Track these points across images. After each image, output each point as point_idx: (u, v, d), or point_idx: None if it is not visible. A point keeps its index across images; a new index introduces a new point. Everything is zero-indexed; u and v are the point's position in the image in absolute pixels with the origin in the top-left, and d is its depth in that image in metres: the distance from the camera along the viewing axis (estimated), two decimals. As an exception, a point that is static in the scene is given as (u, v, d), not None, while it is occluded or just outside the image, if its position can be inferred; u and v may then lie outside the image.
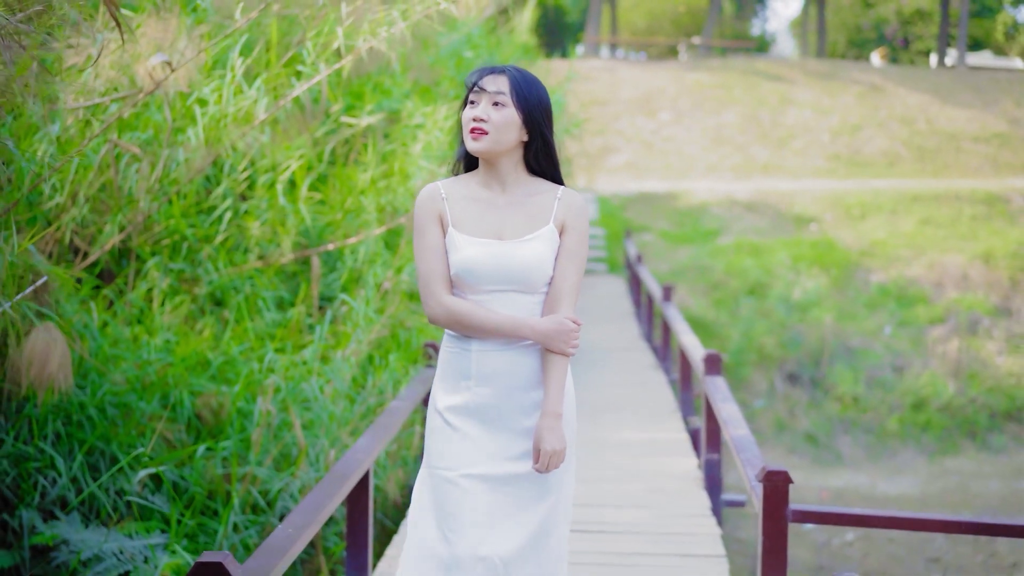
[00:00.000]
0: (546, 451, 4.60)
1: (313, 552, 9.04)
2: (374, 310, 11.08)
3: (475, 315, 4.70)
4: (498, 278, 4.72)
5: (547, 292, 4.81)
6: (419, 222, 4.84)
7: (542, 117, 4.78)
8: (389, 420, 7.66)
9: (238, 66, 10.66)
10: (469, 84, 4.76)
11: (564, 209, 4.81)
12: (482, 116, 4.67)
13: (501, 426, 4.75)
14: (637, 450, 11.47)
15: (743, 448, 7.17)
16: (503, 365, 4.76)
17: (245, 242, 11.20)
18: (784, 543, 6.16)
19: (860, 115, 41.40)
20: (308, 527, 5.50)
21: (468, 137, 4.72)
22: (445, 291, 4.76)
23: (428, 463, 4.85)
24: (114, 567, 7.66)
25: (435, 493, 4.78)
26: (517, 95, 4.71)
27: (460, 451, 4.74)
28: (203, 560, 4.41)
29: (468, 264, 4.71)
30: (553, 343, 4.67)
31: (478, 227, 4.78)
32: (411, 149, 12.31)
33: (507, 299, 4.75)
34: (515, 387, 4.75)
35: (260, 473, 8.81)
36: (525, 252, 4.72)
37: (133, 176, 9.89)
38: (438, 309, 4.75)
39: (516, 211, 4.81)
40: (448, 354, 4.88)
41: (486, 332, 4.72)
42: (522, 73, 4.79)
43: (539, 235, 4.76)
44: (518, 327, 4.70)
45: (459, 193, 4.83)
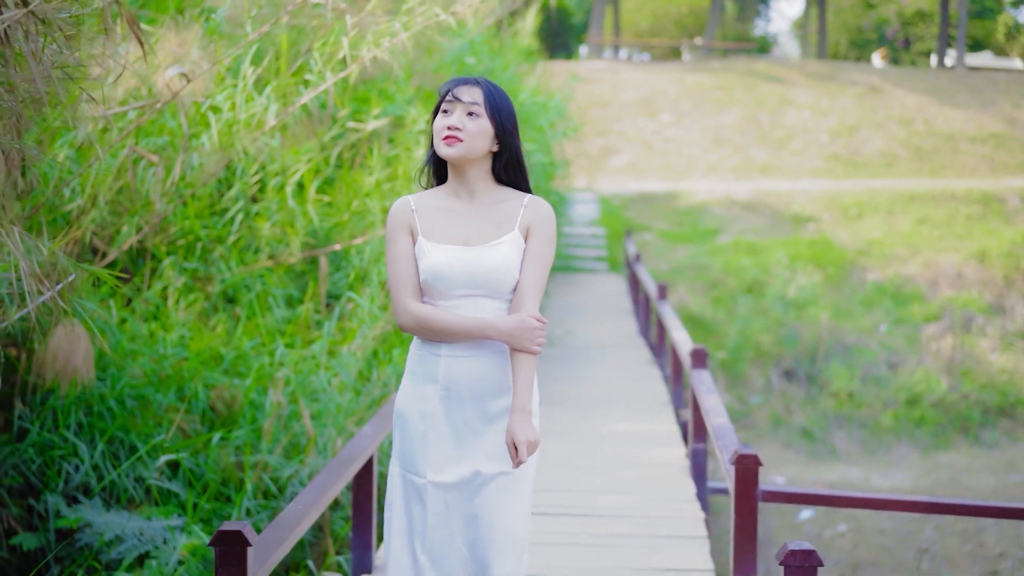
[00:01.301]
0: (521, 441, 4.66)
1: (320, 535, 9.29)
2: (379, 307, 11.30)
3: (441, 319, 4.80)
4: (466, 283, 4.82)
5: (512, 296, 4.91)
6: (390, 232, 4.96)
7: (512, 128, 4.91)
8: (392, 409, 8.12)
9: (249, 75, 11.05)
10: (443, 93, 4.86)
11: (530, 214, 4.92)
12: (457, 124, 4.77)
13: (467, 430, 4.87)
14: (629, 441, 11.87)
15: (721, 435, 7.65)
16: (471, 370, 4.85)
17: (256, 242, 11.49)
18: (754, 521, 6.68)
19: (858, 116, 41.29)
20: (317, 504, 5.95)
21: (441, 144, 4.82)
22: (413, 298, 4.88)
23: (399, 463, 5.01)
24: (135, 547, 8.03)
25: (405, 495, 4.94)
26: (490, 106, 4.83)
27: (424, 456, 4.88)
28: (224, 529, 4.82)
29: (437, 269, 4.82)
30: (518, 341, 4.75)
31: (446, 234, 4.89)
32: (414, 153, 12.61)
33: (475, 304, 4.85)
34: (483, 393, 4.86)
35: (271, 461, 9.13)
36: (491, 257, 4.83)
37: (150, 180, 10.28)
38: (405, 316, 4.87)
39: (483, 218, 4.92)
40: (417, 358, 4.99)
41: (452, 335, 4.82)
42: (494, 86, 4.90)
43: (505, 240, 4.86)
44: (483, 328, 4.78)
45: (429, 205, 4.95)
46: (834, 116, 41.28)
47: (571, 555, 8.06)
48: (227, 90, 11.00)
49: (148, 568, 7.80)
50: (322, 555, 9.21)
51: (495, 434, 4.86)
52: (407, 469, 4.93)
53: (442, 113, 4.84)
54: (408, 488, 4.92)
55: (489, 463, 4.84)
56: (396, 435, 5.03)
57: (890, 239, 29.37)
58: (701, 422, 10.11)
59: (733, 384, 24.25)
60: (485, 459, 4.84)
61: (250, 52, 11.16)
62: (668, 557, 8.10)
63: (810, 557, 4.81)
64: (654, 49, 66.02)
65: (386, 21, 10.48)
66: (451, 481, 4.84)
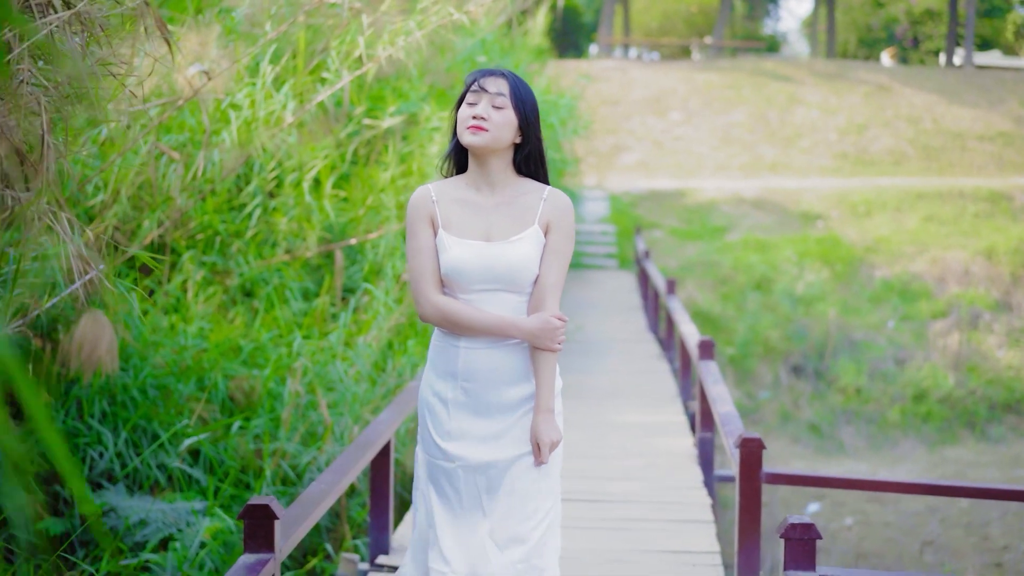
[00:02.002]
0: (544, 443, 4.79)
1: (337, 521, 9.49)
2: (393, 300, 11.49)
3: (464, 314, 4.82)
4: (486, 278, 4.84)
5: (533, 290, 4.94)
6: (411, 223, 4.96)
7: (535, 120, 4.94)
8: (408, 398, 8.31)
9: (268, 73, 11.28)
10: (468, 83, 4.89)
11: (549, 209, 4.93)
12: (483, 115, 4.79)
13: (486, 421, 4.91)
14: (639, 431, 12.11)
15: (727, 422, 7.88)
16: (489, 362, 4.89)
17: (273, 237, 11.66)
18: (758, 502, 6.93)
19: (867, 114, 41.27)
20: (337, 484, 6.21)
21: (466, 132, 4.83)
22: (436, 290, 4.89)
23: (424, 449, 5.06)
24: (159, 531, 8.29)
25: (434, 481, 4.98)
26: (516, 98, 4.86)
27: (447, 443, 4.92)
28: (253, 503, 5.06)
29: (457, 264, 4.83)
30: (539, 341, 4.80)
31: (466, 229, 4.90)
32: (428, 150, 12.81)
33: (495, 298, 4.87)
34: (500, 383, 4.89)
35: (289, 448, 9.32)
36: (512, 253, 4.85)
37: (171, 175, 10.52)
38: (429, 308, 4.88)
39: (503, 213, 4.93)
40: (437, 350, 5.03)
41: (475, 330, 4.84)
42: (518, 78, 4.92)
43: (525, 236, 4.88)
44: (505, 326, 4.82)
45: (449, 195, 4.95)
46: (843, 114, 41.27)
47: (584, 538, 8.30)
48: (246, 88, 11.20)
49: (172, 550, 8.03)
50: (339, 540, 9.38)
51: (517, 419, 4.91)
52: (434, 456, 4.98)
53: (467, 104, 4.86)
54: (436, 473, 4.96)
55: (513, 447, 4.89)
56: (421, 423, 5.07)
57: (898, 236, 29.46)
58: (708, 412, 10.34)
59: (742, 379, 24.41)
60: (509, 444, 4.89)
61: (269, 51, 11.34)
62: (676, 540, 8.36)
63: (809, 530, 5.04)
64: (664, 48, 65.95)
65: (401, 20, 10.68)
66: (478, 463, 4.89)
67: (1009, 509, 19.12)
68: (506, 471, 4.89)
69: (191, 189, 10.77)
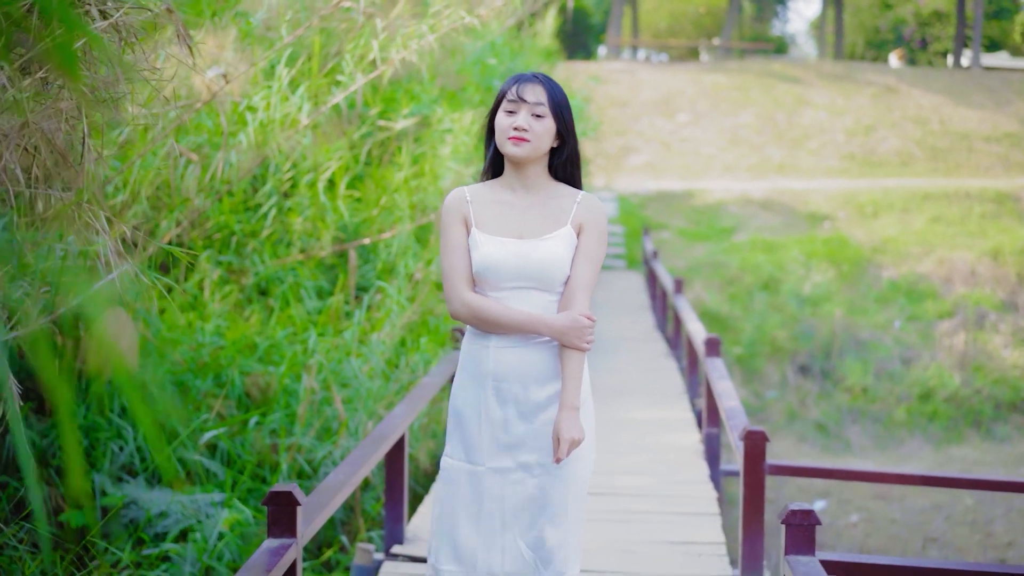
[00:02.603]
0: (564, 440, 4.74)
1: (352, 515, 9.71)
2: (406, 298, 11.69)
3: (494, 311, 4.84)
4: (517, 275, 4.87)
5: (563, 290, 4.95)
6: (445, 223, 5.00)
7: (572, 124, 4.98)
8: (421, 393, 8.52)
9: (284, 76, 11.49)
10: (505, 90, 4.92)
11: (582, 212, 4.95)
12: (523, 125, 4.83)
13: (516, 420, 4.94)
14: (646, 427, 12.33)
15: (732, 416, 8.08)
16: (519, 361, 4.91)
17: (288, 236, 11.85)
18: (762, 493, 7.14)
19: (874, 116, 41.36)
20: (354, 475, 6.40)
21: (508, 143, 4.87)
22: (467, 288, 4.91)
23: (455, 454, 5.06)
24: (179, 522, 8.51)
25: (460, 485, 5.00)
26: (554, 105, 4.89)
27: (478, 444, 4.96)
28: (276, 489, 5.23)
29: (489, 261, 4.86)
30: (568, 339, 4.80)
31: (499, 227, 4.93)
32: (440, 152, 13.03)
33: (526, 296, 4.89)
34: (530, 381, 4.92)
35: (305, 443, 9.54)
36: (543, 251, 4.87)
37: (188, 176, 10.72)
38: (460, 305, 4.90)
39: (536, 212, 4.96)
40: (468, 353, 5.04)
41: (504, 328, 4.87)
42: (554, 84, 4.95)
43: (557, 235, 4.90)
44: (535, 323, 4.83)
45: (484, 197, 4.99)
46: (850, 116, 41.35)
47: (593, 529, 8.49)
48: (263, 90, 11.38)
49: (192, 541, 8.24)
50: (354, 533, 9.59)
51: (546, 421, 4.93)
52: (464, 459, 5.00)
53: (507, 112, 4.90)
54: (464, 477, 4.99)
55: (542, 449, 4.92)
56: (451, 427, 5.10)
57: (905, 237, 29.58)
58: (715, 408, 10.54)
59: (749, 379, 24.57)
60: (539, 446, 4.92)
61: (284, 54, 11.54)
62: (683, 532, 8.58)
63: (809, 516, 5.24)
64: (672, 50, 66.02)
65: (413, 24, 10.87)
66: (508, 466, 4.93)
67: (1013, 506, 19.29)
68: (534, 473, 4.93)
69: (208, 190, 10.94)
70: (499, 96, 4.96)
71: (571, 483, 4.95)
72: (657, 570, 7.75)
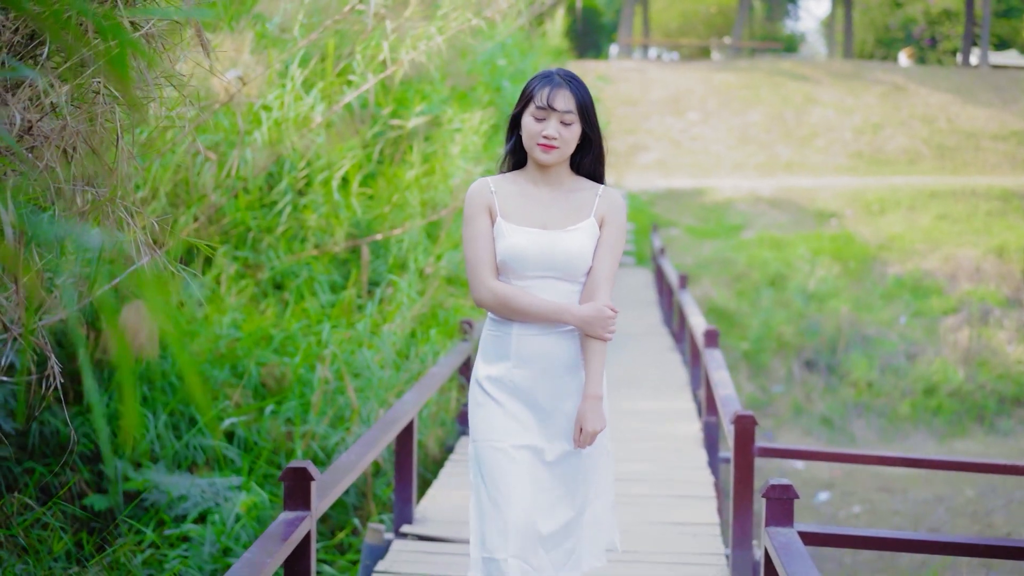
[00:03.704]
0: (587, 431, 4.85)
1: (364, 500, 10.04)
2: (416, 291, 12.04)
3: (520, 299, 4.91)
4: (542, 265, 4.94)
5: (585, 281, 5.03)
6: (469, 212, 5.04)
7: (596, 124, 5.05)
8: (430, 381, 8.96)
9: (297, 76, 11.83)
10: (533, 95, 4.96)
11: (604, 205, 5.05)
12: (553, 135, 4.89)
13: (538, 407, 5.01)
14: (649, 417, 12.67)
15: (726, 403, 8.47)
16: (541, 348, 4.98)
17: (302, 232, 12.18)
18: (751, 473, 7.53)
19: (882, 114, 41.44)
20: (366, 455, 6.76)
21: (537, 149, 4.92)
22: (492, 276, 4.97)
23: (474, 437, 5.07)
24: (199, 504, 8.86)
25: (483, 464, 5.00)
26: (581, 110, 4.95)
27: (504, 424, 4.98)
28: (292, 466, 5.58)
29: (514, 251, 4.93)
30: (592, 328, 4.89)
31: (524, 217, 5.00)
32: (450, 150, 13.34)
33: (549, 285, 4.96)
34: (551, 369, 4.99)
35: (319, 430, 9.86)
36: (568, 241, 4.95)
37: (206, 174, 11.06)
38: (485, 293, 4.96)
39: (560, 204, 5.04)
40: (489, 336, 5.10)
41: (529, 316, 4.92)
42: (580, 85, 5.01)
43: (581, 227, 4.99)
44: (559, 312, 4.90)
45: (507, 188, 5.05)
46: (858, 114, 41.44)
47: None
48: (277, 90, 11.70)
49: (211, 523, 8.59)
50: (366, 517, 9.91)
51: (570, 408, 5.01)
52: (489, 441, 5.01)
53: (535, 118, 4.95)
54: (492, 456, 5.00)
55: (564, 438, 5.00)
56: (474, 413, 5.12)
57: (911, 234, 29.74)
58: (713, 398, 10.85)
59: (756, 374, 24.79)
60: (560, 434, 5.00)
61: (298, 55, 11.86)
62: (680, 513, 8.96)
63: (787, 491, 5.61)
64: (683, 48, 66.07)
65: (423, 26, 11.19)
66: (530, 444, 4.98)
67: (1014, 498, 19.59)
68: (557, 460, 5.00)
69: (225, 187, 11.26)
70: (527, 95, 5.02)
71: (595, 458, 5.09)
72: (654, 547, 8.12)
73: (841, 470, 20.99)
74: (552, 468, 5.01)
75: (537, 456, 5.00)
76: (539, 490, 4.98)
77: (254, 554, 5.01)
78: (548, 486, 5.00)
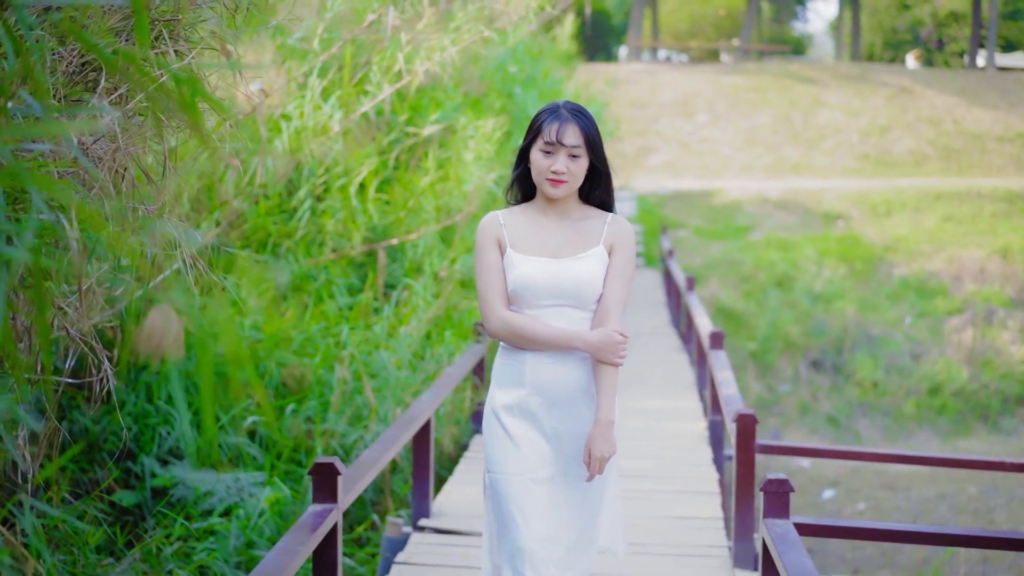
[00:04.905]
0: (596, 456, 4.86)
1: (381, 496, 10.36)
2: (431, 294, 12.34)
3: (530, 327, 4.93)
4: (552, 293, 4.95)
5: (596, 308, 5.03)
6: (479, 245, 5.07)
7: (603, 155, 5.06)
8: (446, 381, 9.34)
9: (316, 86, 12.15)
10: (543, 129, 4.98)
11: (613, 232, 5.05)
12: (562, 169, 4.90)
13: (553, 433, 5.02)
14: (656, 415, 13.02)
15: (729, 402, 8.83)
16: (555, 375, 4.99)
17: (321, 237, 12.45)
18: (752, 469, 7.91)
19: (889, 116, 41.76)
20: (386, 452, 7.12)
21: (546, 184, 4.95)
22: (503, 306, 5.00)
23: (489, 468, 5.11)
24: (224, 500, 9.21)
25: (498, 495, 5.04)
26: (589, 144, 4.97)
27: (519, 457, 5.01)
28: (319, 461, 5.92)
29: (525, 280, 4.94)
30: (602, 354, 4.89)
31: (534, 247, 5.02)
32: (464, 157, 13.64)
33: (560, 313, 4.97)
34: (565, 397, 4.99)
35: (338, 428, 10.17)
36: (577, 269, 4.96)
37: (228, 181, 11.36)
38: (497, 323, 5.00)
39: (569, 233, 5.05)
40: (503, 365, 5.13)
41: (540, 343, 4.94)
42: (587, 118, 5.02)
43: (590, 254, 5.00)
44: (570, 338, 4.91)
45: (517, 219, 5.09)
46: (865, 117, 41.77)
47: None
48: (297, 99, 12.02)
49: (236, 517, 8.93)
50: (383, 513, 10.25)
51: (580, 435, 5.02)
52: (504, 471, 5.04)
53: (543, 152, 4.97)
54: (506, 487, 5.03)
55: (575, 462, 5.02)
56: (490, 443, 5.14)
57: (916, 235, 30.06)
58: (718, 397, 11.21)
59: (763, 373, 25.12)
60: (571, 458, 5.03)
61: (317, 66, 12.17)
62: (684, 508, 9.33)
63: (783, 484, 5.96)
64: (691, 51, 66.20)
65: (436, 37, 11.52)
66: (547, 475, 5.01)
67: (1015, 496, 19.90)
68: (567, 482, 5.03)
69: (246, 193, 11.56)
70: (534, 129, 5.04)
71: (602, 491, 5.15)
72: (660, 540, 8.49)
73: (846, 468, 21.31)
74: (565, 493, 5.04)
75: (550, 485, 5.03)
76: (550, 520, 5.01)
77: (287, 543, 5.35)
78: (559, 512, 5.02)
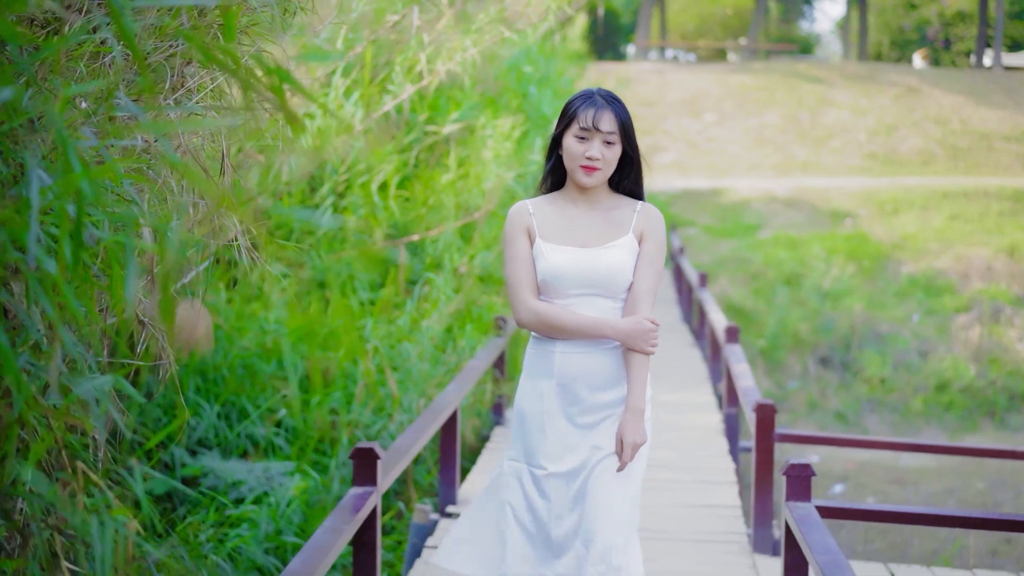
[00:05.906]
0: (628, 443, 4.78)
1: (404, 486, 10.62)
2: (452, 289, 12.58)
3: (560, 317, 4.86)
4: (582, 282, 4.89)
5: (627, 297, 4.96)
6: (508, 234, 5.03)
7: (636, 143, 5.04)
8: (469, 374, 9.65)
9: (339, 85, 12.38)
10: (578, 115, 4.93)
11: (643, 220, 5.00)
12: (597, 155, 4.86)
13: (582, 421, 4.95)
14: (672, 409, 13.24)
15: (747, 393, 9.10)
16: (584, 366, 4.92)
17: (343, 233, 12.66)
18: (771, 458, 8.17)
19: (896, 116, 41.81)
20: (418, 440, 7.39)
21: (580, 171, 4.90)
22: (532, 296, 4.94)
23: (517, 457, 5.10)
24: (255, 488, 9.45)
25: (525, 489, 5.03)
26: (623, 131, 4.94)
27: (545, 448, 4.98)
28: (360, 446, 6.17)
29: (555, 269, 4.89)
30: (633, 342, 4.80)
31: (563, 236, 4.97)
32: (483, 156, 13.88)
33: (590, 302, 4.91)
34: (595, 386, 4.92)
35: (362, 419, 10.40)
36: (607, 258, 4.90)
37: (253, 177, 11.59)
38: (526, 313, 4.94)
39: (599, 221, 5.00)
40: (533, 355, 5.08)
41: (570, 332, 4.87)
42: (621, 105, 4.99)
43: (620, 243, 4.94)
44: (600, 327, 4.84)
45: (546, 209, 5.04)
46: (872, 116, 41.84)
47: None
48: (320, 98, 12.26)
49: (266, 504, 9.19)
50: (407, 502, 10.48)
51: (609, 424, 4.93)
52: (528, 463, 5.04)
53: (577, 138, 4.92)
54: (529, 481, 5.03)
55: (598, 448, 4.91)
56: (515, 431, 5.13)
57: (924, 234, 30.20)
58: (733, 390, 11.49)
59: (772, 370, 25.30)
60: (598, 445, 4.91)
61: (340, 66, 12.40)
62: (703, 496, 9.61)
63: (806, 469, 6.19)
64: (699, 50, 66.35)
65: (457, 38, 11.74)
66: (569, 469, 4.95)
67: (1022, 490, 20.10)
68: (590, 473, 4.92)
69: (270, 190, 11.82)
70: (568, 116, 4.99)
71: (626, 481, 4.95)
72: (681, 527, 8.76)
73: (855, 464, 21.48)
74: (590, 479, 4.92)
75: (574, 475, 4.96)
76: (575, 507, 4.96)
77: (333, 522, 5.61)
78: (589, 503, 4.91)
